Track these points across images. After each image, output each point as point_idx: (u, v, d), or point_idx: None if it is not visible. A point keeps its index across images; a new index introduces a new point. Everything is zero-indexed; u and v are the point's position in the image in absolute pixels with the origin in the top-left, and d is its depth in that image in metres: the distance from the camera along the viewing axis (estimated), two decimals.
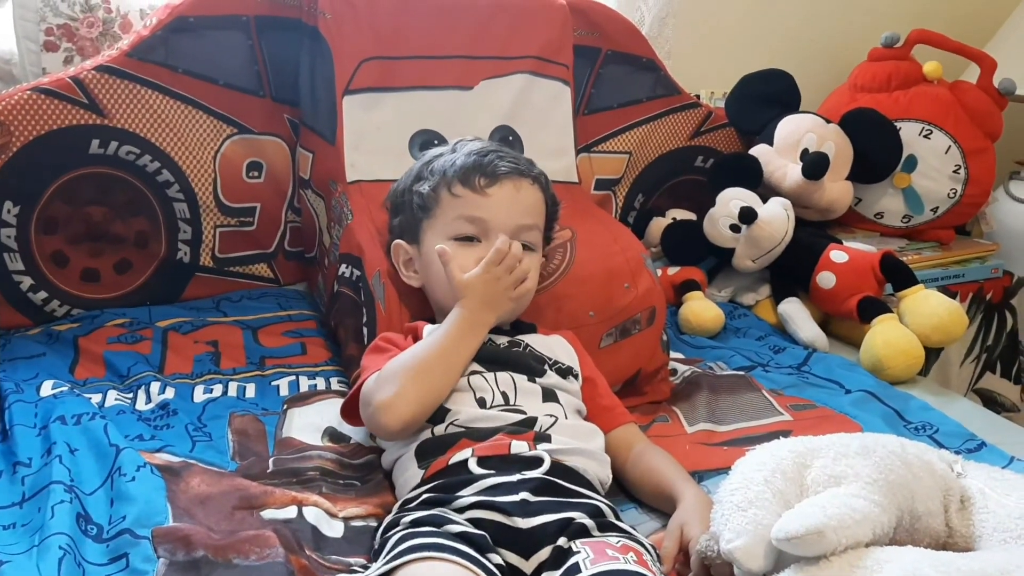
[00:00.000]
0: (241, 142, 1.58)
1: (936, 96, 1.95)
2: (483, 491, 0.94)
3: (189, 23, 1.47)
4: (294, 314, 1.58)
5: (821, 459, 0.91)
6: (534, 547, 0.90)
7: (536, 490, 0.94)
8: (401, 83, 1.49)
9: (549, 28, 1.63)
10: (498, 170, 1.19)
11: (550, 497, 0.94)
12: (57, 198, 1.45)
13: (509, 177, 1.19)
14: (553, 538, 0.90)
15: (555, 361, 1.18)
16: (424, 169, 1.24)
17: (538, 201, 1.24)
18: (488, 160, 1.19)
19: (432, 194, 1.21)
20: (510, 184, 1.19)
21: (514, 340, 1.19)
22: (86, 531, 0.93)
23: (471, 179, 1.18)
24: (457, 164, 1.20)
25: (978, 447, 1.26)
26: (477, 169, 1.19)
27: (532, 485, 0.95)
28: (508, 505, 0.92)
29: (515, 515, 0.91)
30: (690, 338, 1.65)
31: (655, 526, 1.06)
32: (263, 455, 1.15)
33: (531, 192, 1.22)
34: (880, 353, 1.51)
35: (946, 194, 1.94)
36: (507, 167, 1.19)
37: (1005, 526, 0.91)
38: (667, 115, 1.92)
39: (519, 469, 0.97)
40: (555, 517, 0.91)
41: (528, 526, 0.91)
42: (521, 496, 0.93)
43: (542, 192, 1.25)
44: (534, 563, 0.90)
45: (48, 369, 1.29)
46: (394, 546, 0.87)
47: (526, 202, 1.21)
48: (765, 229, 1.70)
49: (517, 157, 1.24)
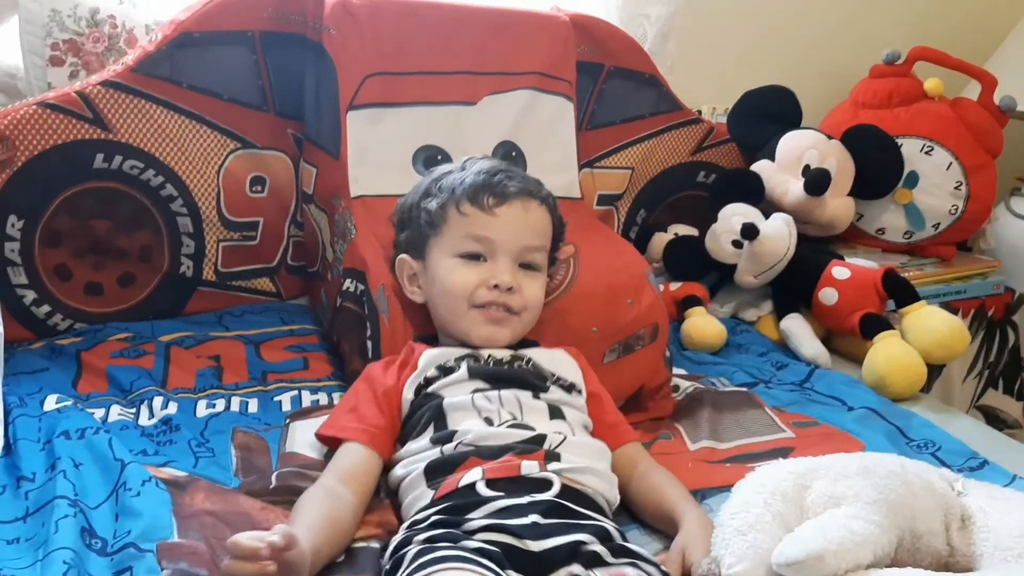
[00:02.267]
0: (245, 157, 1.58)
1: (937, 113, 1.96)
2: (493, 514, 0.94)
3: (194, 38, 1.48)
4: (296, 329, 1.58)
5: (821, 480, 0.91)
6: (545, 570, 0.89)
7: (546, 512, 0.94)
8: (405, 98, 1.50)
9: (552, 44, 1.63)
10: (507, 190, 1.19)
11: (560, 519, 0.94)
12: (61, 212, 1.45)
13: (518, 197, 1.20)
14: (566, 562, 0.89)
15: (558, 377, 1.18)
16: (433, 186, 1.25)
17: (545, 222, 1.25)
18: (498, 180, 1.20)
19: (440, 211, 1.21)
20: (519, 204, 1.20)
21: (517, 354, 1.19)
22: (90, 545, 0.93)
23: (480, 198, 1.19)
24: (467, 182, 1.20)
25: (980, 465, 1.26)
26: (486, 188, 1.19)
27: (542, 508, 0.94)
28: (518, 528, 0.91)
29: (526, 538, 0.90)
30: (692, 354, 1.65)
31: (657, 547, 1.06)
32: (266, 471, 1.14)
33: (539, 213, 1.23)
34: (882, 370, 1.51)
35: (947, 210, 1.95)
36: (516, 187, 1.20)
37: (1006, 544, 0.91)
38: (669, 131, 1.93)
39: (528, 491, 0.97)
40: (565, 540, 0.91)
41: (539, 549, 0.90)
42: (531, 519, 0.92)
43: (550, 214, 1.26)
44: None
45: (51, 383, 1.29)
46: (414, 559, 0.86)
47: (534, 223, 1.22)
48: (767, 245, 1.70)
49: (526, 178, 1.25)
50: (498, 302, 1.18)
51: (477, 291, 1.18)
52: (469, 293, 1.18)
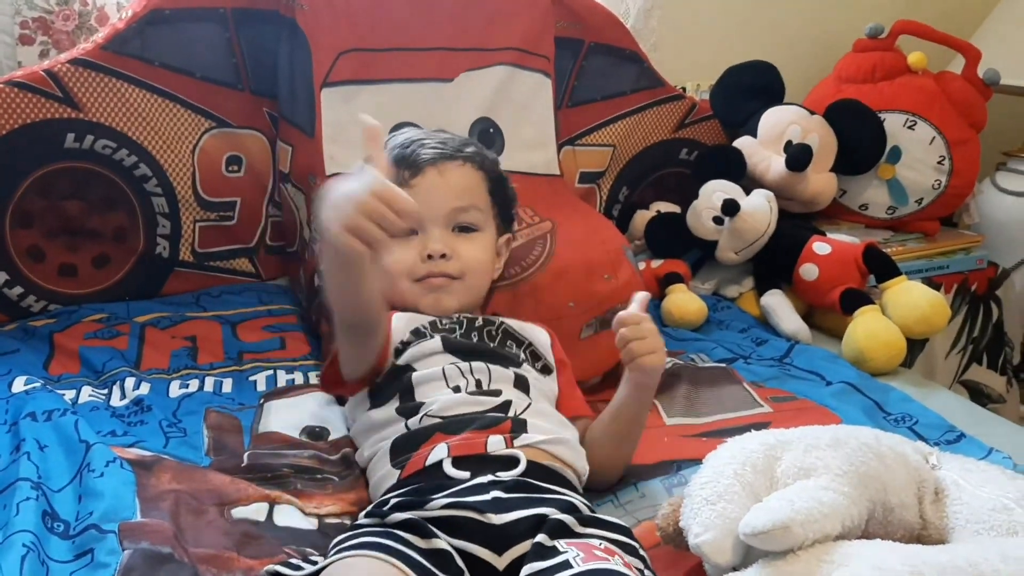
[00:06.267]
0: (220, 136, 1.57)
1: (921, 87, 1.95)
2: (455, 493, 0.93)
3: (165, 15, 1.46)
4: (275, 309, 1.57)
5: (791, 451, 0.91)
6: (507, 543, 0.88)
7: (509, 488, 0.93)
8: (380, 75, 1.49)
9: (530, 19, 1.62)
10: (419, 159, 1.18)
11: (523, 494, 0.93)
12: (32, 192, 1.43)
13: (432, 164, 1.18)
14: (529, 534, 0.88)
15: (530, 343, 1.18)
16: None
17: (470, 180, 1.22)
18: (410, 152, 1.19)
19: None
20: (433, 171, 1.18)
21: (488, 319, 1.19)
22: (52, 528, 0.92)
23: (396, 174, 1.17)
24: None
25: (957, 439, 1.25)
26: (400, 162, 1.18)
27: (505, 485, 0.94)
28: (480, 504, 0.90)
29: (488, 512, 0.90)
30: (672, 330, 1.64)
31: (631, 521, 1.05)
32: (238, 450, 1.14)
33: (460, 172, 1.20)
34: (862, 345, 1.51)
35: (931, 185, 1.94)
36: (429, 154, 1.18)
37: (979, 517, 0.91)
38: (651, 107, 1.91)
39: (494, 471, 0.96)
40: (528, 512, 0.90)
41: (501, 522, 0.89)
42: (493, 495, 0.92)
43: (478, 170, 1.23)
44: (507, 559, 0.87)
45: (22, 365, 1.28)
46: (333, 546, 0.88)
47: (455, 184, 1.19)
48: (748, 221, 1.69)
49: (445, 141, 1.22)
50: (434, 272, 1.17)
51: (415, 267, 1.17)
52: (408, 270, 1.17)
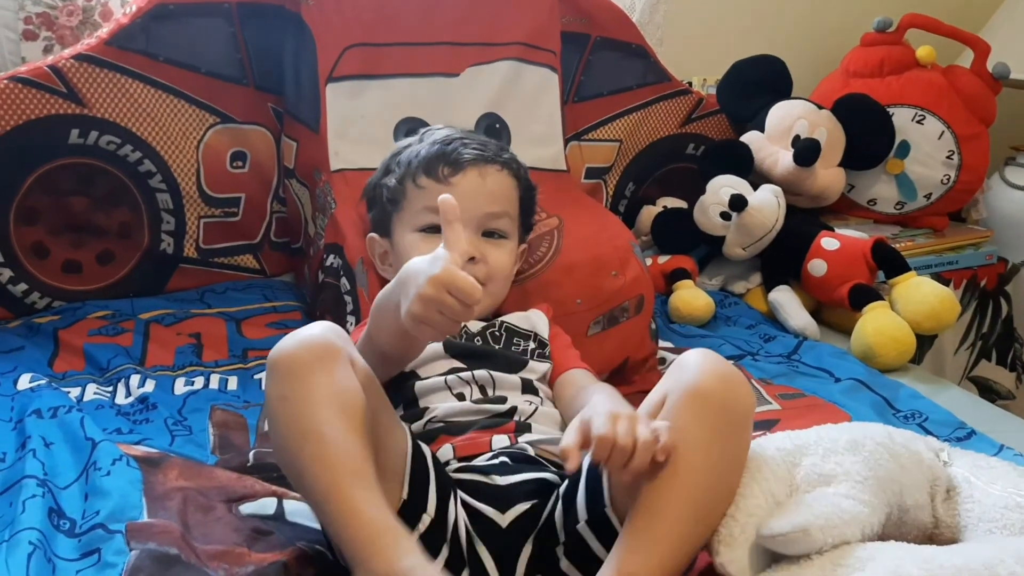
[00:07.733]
0: (224, 131, 1.56)
1: (929, 81, 1.93)
2: (463, 460, 0.97)
3: (169, 10, 1.45)
4: (279, 305, 1.56)
5: (810, 457, 0.89)
6: (510, 502, 0.91)
7: (514, 456, 0.97)
8: (385, 70, 1.47)
9: (536, 14, 1.61)
10: (462, 158, 1.16)
11: (528, 464, 0.96)
12: (36, 189, 1.43)
13: (474, 164, 1.17)
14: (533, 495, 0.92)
15: (535, 333, 1.18)
16: (392, 162, 1.23)
17: (507, 187, 1.21)
18: (452, 148, 1.17)
19: (399, 187, 1.19)
20: (474, 172, 1.17)
21: (490, 323, 1.18)
22: (58, 526, 0.92)
23: (435, 169, 1.16)
24: (422, 155, 1.18)
25: (968, 435, 1.24)
26: (441, 158, 1.17)
27: (513, 456, 0.97)
28: (487, 467, 0.94)
29: (492, 474, 0.94)
30: (680, 327, 1.63)
31: None
32: (243, 449, 1.13)
33: (499, 178, 1.20)
34: (871, 341, 1.49)
35: (940, 180, 1.92)
36: (471, 154, 1.17)
37: (990, 516, 0.90)
38: (658, 102, 1.90)
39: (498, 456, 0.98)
40: (530, 476, 0.93)
41: (505, 483, 0.93)
42: (500, 460, 0.96)
43: (512, 178, 1.22)
44: (509, 517, 0.91)
45: (27, 363, 1.28)
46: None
47: (493, 189, 1.18)
48: (755, 217, 1.68)
49: (485, 143, 1.21)
50: None
51: None
52: None
